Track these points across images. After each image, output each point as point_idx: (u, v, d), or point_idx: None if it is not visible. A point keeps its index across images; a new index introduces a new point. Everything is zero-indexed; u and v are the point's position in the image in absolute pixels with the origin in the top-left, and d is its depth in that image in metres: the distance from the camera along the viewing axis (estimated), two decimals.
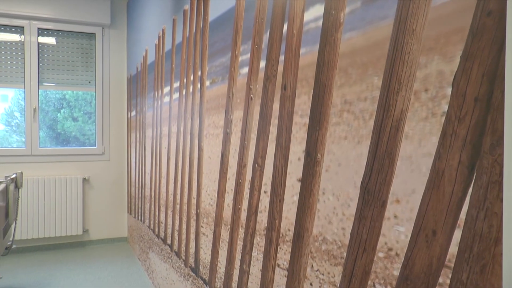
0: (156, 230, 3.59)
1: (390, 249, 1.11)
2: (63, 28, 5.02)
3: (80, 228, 5.04)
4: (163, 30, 3.37)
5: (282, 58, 1.62)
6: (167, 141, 3.20)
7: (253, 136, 1.81)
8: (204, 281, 2.40)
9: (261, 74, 1.76)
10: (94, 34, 5.16)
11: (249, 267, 1.84)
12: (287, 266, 1.57)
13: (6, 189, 3.18)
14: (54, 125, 5.12)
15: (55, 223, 4.93)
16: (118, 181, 5.29)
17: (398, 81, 1.09)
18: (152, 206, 3.74)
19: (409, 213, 1.06)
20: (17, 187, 3.46)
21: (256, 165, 1.78)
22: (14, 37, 4.85)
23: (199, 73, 2.48)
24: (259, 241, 1.75)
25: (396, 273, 1.09)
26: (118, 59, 5.25)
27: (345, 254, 1.29)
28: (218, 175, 2.19)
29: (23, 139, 5.09)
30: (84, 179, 5.10)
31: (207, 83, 2.35)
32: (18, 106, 5.13)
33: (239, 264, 1.95)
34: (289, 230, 1.56)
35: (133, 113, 4.78)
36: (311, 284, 1.43)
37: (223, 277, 2.14)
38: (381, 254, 1.14)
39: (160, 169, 3.44)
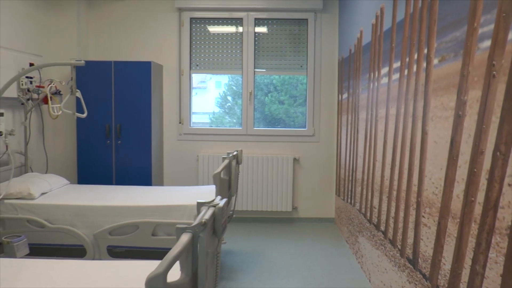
0: (368, 215, 3.51)
1: None
2: (277, 17, 5.29)
3: (290, 205, 5.30)
4: (381, 9, 3.22)
5: None
6: (383, 124, 3.07)
7: (494, 119, 1.57)
8: (424, 275, 2.23)
9: (509, 47, 1.50)
10: (306, 19, 5.29)
11: (484, 269, 1.62)
12: None
13: (229, 164, 3.50)
14: (262, 108, 5.48)
15: (267, 198, 5.30)
16: (327, 163, 5.37)
17: None
18: (364, 190, 3.67)
19: None
20: (238, 163, 3.78)
21: (498, 153, 1.54)
22: (233, 29, 5.39)
23: (425, 50, 2.28)
24: (499, 241, 1.52)
25: None
26: (329, 43, 5.28)
27: None
28: (446, 162, 1.99)
29: (234, 120, 5.63)
30: (294, 159, 5.32)
31: (435, 61, 2.14)
32: (231, 91, 5.67)
33: (469, 263, 1.73)
34: None
35: (344, 95, 4.76)
36: None
37: (448, 275, 1.94)
38: None
39: (374, 152, 3.34)
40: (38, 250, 3.39)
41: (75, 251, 3.45)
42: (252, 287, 3.49)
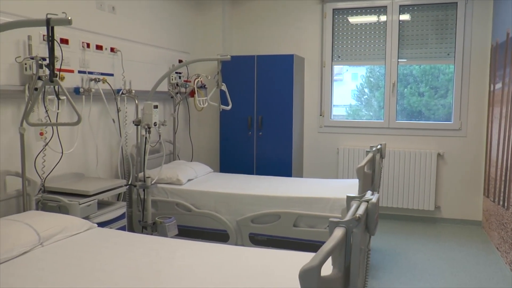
0: None
1: None
2: (424, 2, 4.96)
3: (432, 204, 4.98)
4: None
5: None
6: None
7: None
8: None
9: None
10: (456, 3, 4.87)
11: None
12: None
13: (373, 158, 3.37)
14: (401, 100, 5.22)
15: (407, 196, 5.05)
16: (475, 159, 4.91)
17: None
18: None
19: None
20: (381, 157, 3.63)
21: None
22: (374, 18, 5.21)
23: None
24: None
25: None
26: (481, 27, 4.79)
27: None
28: None
29: (371, 113, 5.46)
30: (438, 154, 4.98)
31: None
32: (368, 83, 5.49)
33: None
34: None
35: (498, 85, 4.31)
36: None
37: None
38: None
39: None
40: (185, 232, 3.68)
41: (218, 236, 3.67)
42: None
